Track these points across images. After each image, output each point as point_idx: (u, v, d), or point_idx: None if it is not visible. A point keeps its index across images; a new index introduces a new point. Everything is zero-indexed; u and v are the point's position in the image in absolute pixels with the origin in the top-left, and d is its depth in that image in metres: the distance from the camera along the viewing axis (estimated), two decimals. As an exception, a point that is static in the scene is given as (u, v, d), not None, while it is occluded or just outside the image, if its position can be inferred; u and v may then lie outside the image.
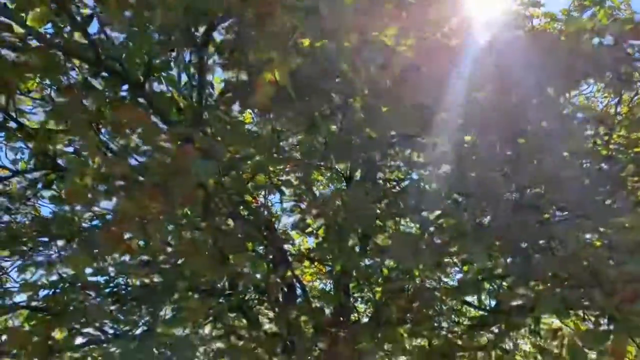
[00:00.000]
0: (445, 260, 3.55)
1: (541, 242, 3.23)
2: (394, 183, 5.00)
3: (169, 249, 4.06)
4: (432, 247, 3.12)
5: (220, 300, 4.27)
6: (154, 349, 2.93)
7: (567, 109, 3.86)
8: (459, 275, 4.86)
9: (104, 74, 3.19)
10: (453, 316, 5.39)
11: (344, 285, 4.99)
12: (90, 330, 4.36)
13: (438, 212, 3.48)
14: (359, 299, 5.98)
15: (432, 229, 3.49)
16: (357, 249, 4.51)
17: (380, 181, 4.87)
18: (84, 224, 3.65)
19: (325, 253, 4.67)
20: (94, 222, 3.65)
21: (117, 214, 1.99)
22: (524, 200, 3.67)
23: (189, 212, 3.58)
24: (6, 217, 3.84)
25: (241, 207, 4.79)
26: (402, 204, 3.85)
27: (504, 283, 3.60)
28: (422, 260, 3.17)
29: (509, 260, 3.11)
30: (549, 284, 2.88)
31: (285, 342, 4.65)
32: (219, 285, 4.45)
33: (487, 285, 3.75)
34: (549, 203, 3.74)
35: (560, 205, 3.72)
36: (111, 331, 4.31)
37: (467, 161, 3.97)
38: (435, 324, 4.38)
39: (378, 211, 3.63)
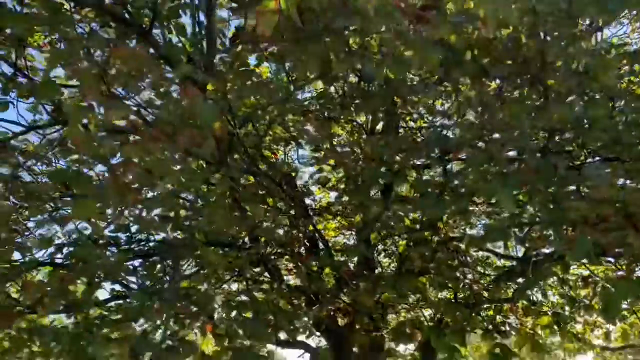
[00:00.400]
0: (470, 208, 3.41)
1: (572, 186, 3.06)
2: (417, 131, 4.82)
3: (187, 202, 4.02)
4: (457, 195, 2.98)
5: (241, 254, 4.23)
6: (176, 302, 2.90)
7: (600, 44, 3.61)
8: (484, 229, 4.73)
9: (111, 23, 3.07)
10: (478, 267, 5.29)
11: (367, 239, 4.91)
12: (116, 286, 4.42)
13: (462, 160, 3.32)
14: (382, 253, 5.91)
15: (456, 177, 3.35)
16: (379, 199, 4.38)
17: (402, 130, 4.70)
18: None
19: (346, 205, 4.57)
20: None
21: (121, 159, 1.91)
22: (553, 145, 3.48)
23: (203, 165, 3.50)
24: (26, 176, 3.82)
25: (260, 162, 4.71)
26: (425, 153, 3.69)
27: (532, 232, 3.45)
28: (446, 209, 3.04)
29: (537, 205, 2.95)
30: (580, 229, 2.73)
31: (308, 295, 4.64)
32: (239, 239, 4.42)
33: (514, 233, 3.60)
34: (579, 147, 3.55)
35: (592, 149, 3.52)
36: (135, 287, 4.35)
37: (492, 106, 3.78)
38: (460, 275, 4.28)
39: (399, 159, 3.48)
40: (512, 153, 3.45)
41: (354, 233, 6.10)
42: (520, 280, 4.64)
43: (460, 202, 2.85)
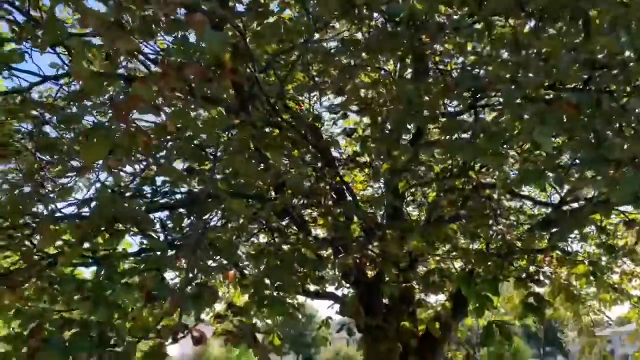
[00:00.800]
0: (504, 150, 3.20)
1: (615, 124, 2.84)
2: (447, 74, 4.56)
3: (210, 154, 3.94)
4: (490, 135, 2.79)
5: (266, 205, 4.15)
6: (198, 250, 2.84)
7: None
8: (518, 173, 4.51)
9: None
10: (512, 217, 5.11)
11: (395, 188, 4.76)
12: (143, 240, 4.43)
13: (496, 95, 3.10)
14: (411, 204, 5.77)
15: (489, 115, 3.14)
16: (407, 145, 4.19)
17: (431, 73, 4.45)
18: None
19: (372, 153, 4.40)
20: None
21: (127, 95, 1.80)
22: (595, 82, 3.23)
23: (223, 112, 3.39)
24: (47, 129, 3.79)
25: (283, 112, 4.57)
26: (456, 94, 3.47)
27: (571, 174, 3.23)
28: (478, 152, 2.85)
29: (578, 145, 2.74)
30: (624, 169, 2.53)
31: (335, 246, 4.56)
32: (264, 190, 4.34)
33: (551, 176, 3.40)
34: (623, 83, 3.28)
35: (638, 84, 3.25)
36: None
37: (529, 43, 3.51)
38: (492, 224, 4.10)
39: (429, 100, 3.27)
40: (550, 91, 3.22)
41: (381, 185, 5.96)
42: (555, 229, 4.45)
43: (494, 144, 2.66)
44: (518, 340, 34.59)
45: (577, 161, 3.02)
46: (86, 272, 3.98)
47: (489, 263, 4.16)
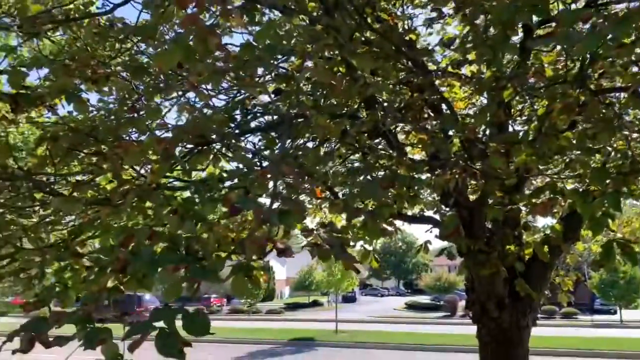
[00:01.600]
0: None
1: None
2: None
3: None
4: (617, 22, 2.31)
5: (356, 123, 3.94)
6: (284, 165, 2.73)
7: None
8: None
9: None
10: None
11: (500, 100, 4.30)
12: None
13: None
14: (518, 118, 5.25)
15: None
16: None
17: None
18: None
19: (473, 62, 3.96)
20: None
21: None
22: None
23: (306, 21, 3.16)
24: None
25: (374, 23, 4.23)
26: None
27: None
28: (599, 41, 2.39)
29: None
30: None
31: (432, 165, 4.28)
32: (353, 107, 4.12)
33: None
34: None
35: None
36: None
37: None
38: (614, 132, 3.56)
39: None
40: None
41: (484, 99, 5.46)
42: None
43: (624, 26, 2.19)
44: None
45: None
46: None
47: (608, 181, 3.68)
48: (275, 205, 2.25)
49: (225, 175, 3.89)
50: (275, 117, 4.51)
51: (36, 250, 3.50)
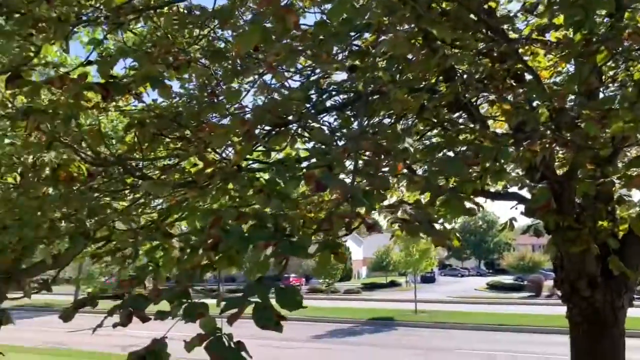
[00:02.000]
0: None
1: None
2: None
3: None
4: None
5: (435, 97, 3.82)
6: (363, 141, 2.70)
7: None
8: None
9: None
10: None
11: (593, 65, 4.00)
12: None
13: None
14: (610, 86, 4.88)
15: None
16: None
17: None
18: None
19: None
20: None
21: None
22: None
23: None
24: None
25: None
26: None
27: None
28: None
29: None
30: None
31: (517, 139, 4.08)
32: (432, 81, 4.00)
33: None
34: None
35: None
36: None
37: None
38: None
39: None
40: None
41: (571, 67, 5.12)
42: None
43: None
44: None
45: None
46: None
47: None
48: (356, 182, 2.23)
49: (302, 155, 3.94)
50: (351, 94, 4.47)
51: (129, 231, 3.70)
